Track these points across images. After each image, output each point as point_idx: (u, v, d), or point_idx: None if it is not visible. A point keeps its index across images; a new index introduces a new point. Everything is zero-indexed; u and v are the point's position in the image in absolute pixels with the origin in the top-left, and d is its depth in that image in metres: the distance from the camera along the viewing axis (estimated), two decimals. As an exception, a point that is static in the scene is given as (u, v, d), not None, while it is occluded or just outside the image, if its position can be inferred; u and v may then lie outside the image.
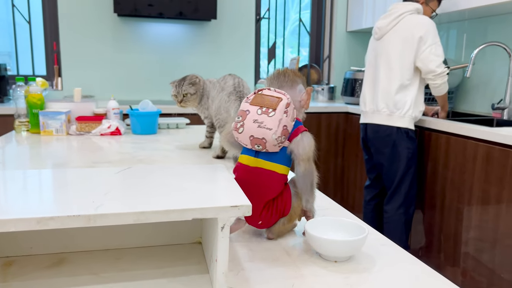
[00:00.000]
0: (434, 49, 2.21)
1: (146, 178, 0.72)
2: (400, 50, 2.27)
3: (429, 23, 2.24)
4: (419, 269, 0.69)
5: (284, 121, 0.74)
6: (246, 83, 1.49)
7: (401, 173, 2.30)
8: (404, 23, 2.28)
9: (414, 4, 2.32)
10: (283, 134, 0.74)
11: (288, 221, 0.79)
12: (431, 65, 2.20)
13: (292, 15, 3.95)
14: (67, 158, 1.45)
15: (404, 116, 2.26)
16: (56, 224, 0.53)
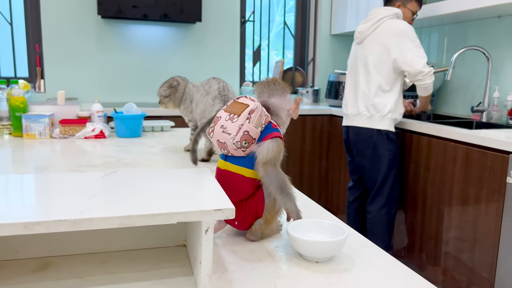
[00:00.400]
0: (416, 52, 2.25)
1: (131, 182, 0.73)
2: (379, 55, 2.31)
3: (408, 27, 2.28)
4: (398, 269, 0.72)
5: (246, 126, 0.76)
6: (231, 87, 1.50)
7: (383, 175, 2.34)
8: (383, 28, 2.33)
9: (393, 9, 2.36)
10: (243, 139, 0.77)
11: (265, 223, 0.80)
12: (418, 66, 2.24)
13: (277, 17, 3.98)
14: (51, 162, 1.44)
15: (384, 119, 2.30)
16: (42, 228, 0.53)
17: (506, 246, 1.81)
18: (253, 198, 0.80)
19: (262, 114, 0.79)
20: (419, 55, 2.26)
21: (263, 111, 0.79)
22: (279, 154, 0.77)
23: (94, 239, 0.74)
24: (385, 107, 2.31)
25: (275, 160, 0.77)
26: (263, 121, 0.79)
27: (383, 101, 2.31)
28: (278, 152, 0.77)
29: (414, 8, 2.43)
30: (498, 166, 1.84)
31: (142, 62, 3.47)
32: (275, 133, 0.79)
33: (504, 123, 2.44)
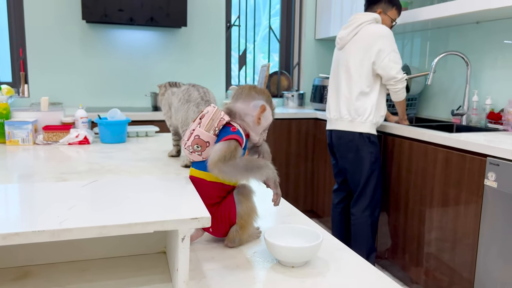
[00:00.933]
0: (392, 57, 2.31)
1: (111, 191, 0.74)
2: (360, 59, 2.36)
3: (387, 32, 2.33)
4: (372, 273, 0.74)
5: (197, 131, 0.81)
6: (212, 93, 1.52)
7: (365, 177, 2.38)
8: (363, 33, 2.37)
9: (373, 14, 2.41)
10: (195, 143, 0.81)
11: (240, 229, 0.81)
12: (392, 72, 2.30)
13: (263, 21, 4.01)
14: (34, 169, 1.44)
15: (365, 122, 2.35)
16: (21, 239, 0.55)
17: (485, 246, 1.86)
18: (224, 204, 0.81)
19: (215, 118, 0.81)
20: (395, 60, 2.31)
21: (217, 115, 0.81)
22: (229, 154, 0.77)
23: (74, 247, 0.75)
24: (365, 110, 2.35)
25: (224, 158, 0.77)
26: (216, 124, 0.81)
27: (364, 105, 2.36)
28: (227, 151, 0.77)
29: (394, 16, 2.48)
30: (476, 169, 1.89)
31: (127, 67, 3.47)
32: (229, 136, 0.79)
33: (483, 126, 2.50)
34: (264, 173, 0.80)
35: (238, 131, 0.81)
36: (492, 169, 1.80)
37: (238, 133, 0.81)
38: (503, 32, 2.45)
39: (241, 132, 0.82)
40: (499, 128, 2.34)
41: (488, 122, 2.43)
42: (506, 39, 2.43)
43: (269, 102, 0.87)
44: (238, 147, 0.79)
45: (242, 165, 0.78)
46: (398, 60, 2.32)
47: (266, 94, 0.87)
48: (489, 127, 2.42)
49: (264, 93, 0.87)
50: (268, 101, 0.87)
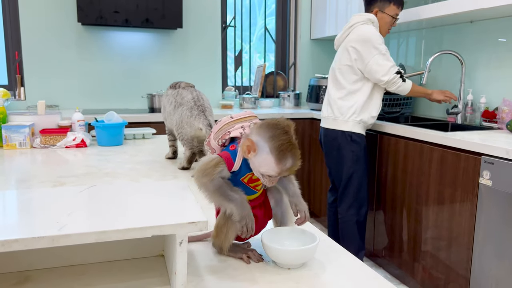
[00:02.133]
0: (376, 59, 2.29)
1: (108, 196, 0.75)
2: (346, 60, 2.38)
3: (372, 33, 2.32)
4: (368, 274, 0.75)
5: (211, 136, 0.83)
6: (204, 95, 1.53)
7: (347, 175, 2.42)
8: (352, 34, 2.38)
9: (367, 15, 2.41)
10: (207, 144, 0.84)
11: (214, 237, 0.80)
12: (377, 75, 2.30)
13: (258, 21, 4.02)
14: (32, 173, 1.45)
15: (348, 121, 2.37)
16: (20, 246, 0.56)
17: (480, 244, 1.88)
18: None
19: (223, 129, 0.80)
20: (379, 63, 2.29)
21: (226, 127, 0.80)
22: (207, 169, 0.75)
23: (72, 251, 0.76)
24: (349, 109, 2.36)
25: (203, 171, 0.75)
26: (221, 136, 0.81)
27: (348, 104, 2.37)
28: (206, 166, 0.75)
29: (393, 12, 2.44)
30: (471, 168, 1.90)
31: (123, 69, 3.47)
32: (221, 152, 0.78)
33: (478, 124, 2.52)
34: (228, 208, 0.75)
35: (234, 152, 0.78)
36: (487, 168, 1.82)
37: (233, 153, 0.77)
38: (497, 31, 2.47)
39: (238, 153, 0.77)
40: (494, 126, 2.36)
41: (483, 120, 2.44)
42: (500, 38, 2.45)
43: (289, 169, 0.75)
44: (220, 165, 0.75)
45: (212, 188, 0.75)
46: (383, 62, 2.29)
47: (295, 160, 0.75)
48: (483, 125, 2.44)
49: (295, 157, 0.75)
50: (288, 169, 0.75)
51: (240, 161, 0.77)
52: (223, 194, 0.75)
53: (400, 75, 2.33)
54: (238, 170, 0.78)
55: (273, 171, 0.74)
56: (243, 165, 0.77)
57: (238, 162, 0.77)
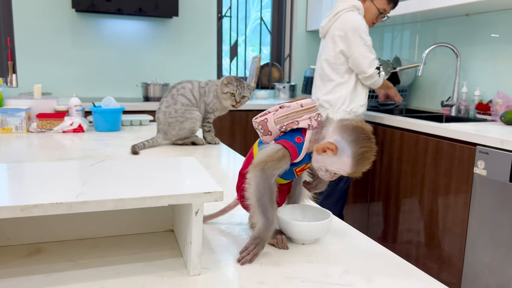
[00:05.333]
0: (362, 50, 2.25)
1: (120, 170, 0.75)
2: (332, 49, 2.34)
3: (358, 23, 2.25)
4: (378, 250, 0.77)
5: (269, 115, 0.76)
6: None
7: None
8: (338, 23, 2.31)
9: (353, 1, 2.32)
10: (261, 124, 0.77)
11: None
12: (363, 67, 2.27)
13: (253, 13, 4.01)
14: (29, 156, 1.44)
15: (338, 111, 2.35)
16: (39, 211, 0.55)
17: (474, 233, 1.91)
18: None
19: (290, 116, 0.74)
20: (365, 54, 2.25)
21: (294, 115, 0.74)
22: (271, 162, 0.72)
23: (84, 225, 0.76)
24: (338, 100, 2.33)
25: (265, 163, 0.72)
26: (286, 123, 0.74)
27: (337, 95, 2.34)
28: (269, 159, 0.72)
29: (381, 5, 2.36)
30: (465, 158, 1.93)
31: (117, 57, 3.44)
32: (282, 140, 0.74)
33: (472, 116, 2.56)
34: (257, 220, 0.72)
35: (301, 145, 0.74)
36: (481, 158, 1.85)
37: (299, 146, 0.74)
38: (492, 24, 2.50)
39: (303, 146, 0.74)
40: (487, 118, 2.39)
41: (477, 113, 2.48)
42: (494, 32, 2.48)
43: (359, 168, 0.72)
44: (286, 159, 0.72)
45: (260, 195, 0.71)
46: (368, 54, 2.26)
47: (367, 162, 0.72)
48: (477, 117, 2.47)
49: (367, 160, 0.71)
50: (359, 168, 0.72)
51: (304, 155, 0.74)
52: (263, 202, 0.71)
53: (378, 71, 2.31)
54: (298, 162, 0.75)
55: (344, 172, 0.72)
56: (304, 157, 0.75)
57: (302, 155, 0.74)
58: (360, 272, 0.67)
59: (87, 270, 0.65)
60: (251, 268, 0.67)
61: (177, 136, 1.64)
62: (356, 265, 0.69)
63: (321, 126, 0.75)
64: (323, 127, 0.74)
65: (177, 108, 1.60)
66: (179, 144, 1.67)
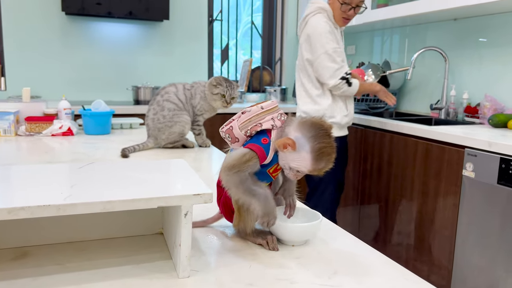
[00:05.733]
0: (321, 61, 2.10)
1: (109, 172, 0.75)
2: (301, 59, 2.22)
3: (317, 29, 2.09)
4: (368, 251, 0.77)
5: (233, 123, 0.78)
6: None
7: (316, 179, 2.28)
8: (305, 28, 2.17)
9: (319, 2, 2.16)
10: (227, 132, 0.78)
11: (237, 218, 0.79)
12: (323, 78, 2.14)
13: (244, 17, 4.02)
14: (17, 159, 1.42)
15: None
16: (26, 214, 0.55)
17: (463, 234, 1.93)
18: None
19: (253, 120, 0.76)
20: (324, 64, 2.10)
21: (256, 118, 0.76)
22: (238, 165, 0.73)
23: (72, 228, 0.75)
24: (317, 112, 2.16)
25: (232, 167, 0.73)
26: (250, 127, 0.76)
27: (315, 107, 2.19)
28: (237, 162, 0.73)
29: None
30: (454, 160, 1.95)
31: (108, 60, 3.43)
32: (251, 145, 0.75)
33: (461, 119, 2.58)
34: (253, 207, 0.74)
35: (267, 145, 0.75)
36: (470, 160, 1.87)
37: (266, 147, 0.75)
38: (479, 29, 2.53)
39: (270, 146, 0.75)
40: (476, 121, 2.42)
41: (465, 115, 2.50)
42: (482, 36, 2.51)
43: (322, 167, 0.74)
44: (253, 160, 0.73)
45: (242, 187, 0.73)
46: (328, 64, 2.09)
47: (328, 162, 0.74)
48: (466, 120, 2.50)
49: (329, 160, 0.73)
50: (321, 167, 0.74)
51: (272, 155, 0.76)
52: (248, 188, 0.73)
53: (346, 80, 2.13)
54: (268, 163, 0.76)
55: (305, 168, 0.73)
56: (273, 157, 0.76)
57: (270, 156, 0.75)
58: (349, 274, 0.67)
59: (75, 273, 0.65)
60: (240, 270, 0.67)
61: (167, 140, 1.63)
62: (345, 267, 0.70)
63: (285, 125, 0.76)
64: (286, 126, 0.76)
65: (165, 114, 1.60)
66: (169, 148, 1.67)
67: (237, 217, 0.79)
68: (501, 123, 2.15)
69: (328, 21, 2.12)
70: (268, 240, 0.76)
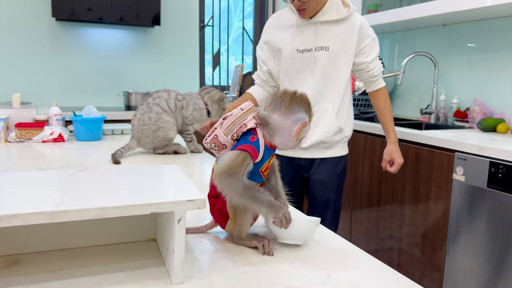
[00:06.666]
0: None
1: (101, 178, 0.75)
2: None
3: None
4: (362, 255, 0.77)
5: (217, 131, 0.78)
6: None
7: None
8: None
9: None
10: (213, 142, 0.79)
11: (232, 223, 0.79)
12: None
13: (235, 23, 4.03)
14: (7, 166, 1.41)
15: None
16: (18, 221, 0.55)
17: (453, 238, 1.94)
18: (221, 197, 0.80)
19: (236, 122, 0.77)
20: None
21: (239, 120, 0.77)
22: (234, 167, 0.73)
23: (64, 235, 0.75)
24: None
25: (228, 171, 0.73)
26: (236, 130, 0.77)
27: None
28: (232, 164, 0.73)
29: None
30: (445, 164, 1.97)
31: (99, 66, 3.42)
32: (243, 146, 0.75)
33: (450, 124, 2.61)
34: (259, 209, 0.75)
35: (256, 142, 0.76)
36: (460, 164, 1.89)
37: (255, 144, 0.76)
38: (468, 34, 2.57)
39: (260, 143, 0.77)
40: (465, 126, 2.45)
41: (455, 120, 2.53)
42: (470, 41, 2.55)
43: (310, 112, 0.81)
44: (247, 160, 0.74)
45: (241, 191, 0.73)
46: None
47: (307, 104, 0.80)
48: (456, 124, 2.53)
49: (305, 102, 0.80)
50: (309, 112, 0.80)
51: (263, 151, 0.77)
52: (252, 196, 0.74)
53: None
54: (260, 161, 0.77)
55: (307, 129, 0.80)
56: (264, 154, 0.78)
57: (261, 152, 0.77)
58: (343, 278, 0.68)
59: (68, 280, 0.64)
60: (234, 275, 0.67)
61: (152, 145, 1.63)
62: (338, 271, 0.70)
63: (264, 120, 0.78)
64: (266, 120, 0.78)
65: (151, 116, 1.60)
66: (161, 153, 1.67)
67: (232, 222, 0.79)
68: (490, 127, 2.17)
69: (290, 14, 1.78)
70: (264, 243, 0.77)
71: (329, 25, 1.69)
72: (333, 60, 1.70)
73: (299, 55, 1.71)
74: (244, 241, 0.79)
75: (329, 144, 1.78)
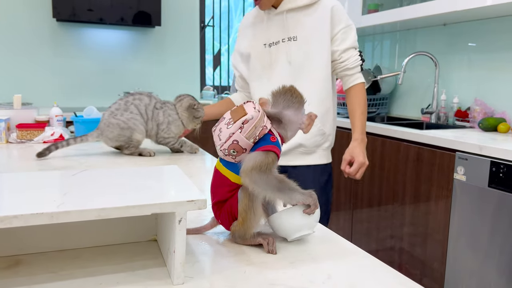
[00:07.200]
0: None
1: (102, 179, 0.75)
2: None
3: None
4: (361, 255, 0.77)
5: (236, 136, 0.75)
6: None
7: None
8: None
9: None
10: (231, 148, 0.76)
11: (239, 223, 0.79)
12: None
13: (236, 23, 4.03)
14: (9, 167, 1.41)
15: None
16: (19, 222, 0.55)
17: (455, 237, 1.94)
18: (231, 199, 0.80)
19: (258, 125, 0.76)
20: None
21: (260, 122, 0.76)
22: (265, 166, 0.74)
23: (65, 236, 0.75)
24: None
25: (260, 169, 0.74)
26: (258, 133, 0.76)
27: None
28: (263, 163, 0.74)
29: None
30: (445, 164, 1.97)
31: (100, 66, 3.42)
32: (268, 146, 0.76)
33: (451, 123, 2.61)
34: (294, 198, 0.77)
35: (277, 142, 0.78)
36: (461, 164, 1.89)
37: (277, 144, 0.77)
38: (469, 34, 2.57)
39: (279, 142, 0.79)
40: (466, 125, 2.45)
41: (456, 120, 2.53)
42: (471, 41, 2.55)
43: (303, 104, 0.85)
44: (276, 161, 0.76)
45: (275, 184, 0.74)
46: None
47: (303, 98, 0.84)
48: (456, 124, 2.53)
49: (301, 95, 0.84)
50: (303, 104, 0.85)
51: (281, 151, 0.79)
52: (289, 187, 0.76)
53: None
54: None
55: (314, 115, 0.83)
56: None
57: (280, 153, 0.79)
58: (343, 278, 0.68)
59: (69, 281, 0.64)
60: (235, 275, 0.68)
61: (116, 142, 1.61)
62: (339, 271, 0.70)
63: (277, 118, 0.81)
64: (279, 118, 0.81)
65: (125, 114, 1.58)
66: (128, 154, 1.65)
67: (240, 223, 0.78)
68: (491, 126, 2.17)
69: (258, 10, 1.65)
70: (269, 241, 0.77)
71: (297, 12, 1.53)
72: (303, 52, 1.52)
73: (267, 49, 1.57)
74: (247, 241, 0.79)
75: (308, 148, 1.59)
